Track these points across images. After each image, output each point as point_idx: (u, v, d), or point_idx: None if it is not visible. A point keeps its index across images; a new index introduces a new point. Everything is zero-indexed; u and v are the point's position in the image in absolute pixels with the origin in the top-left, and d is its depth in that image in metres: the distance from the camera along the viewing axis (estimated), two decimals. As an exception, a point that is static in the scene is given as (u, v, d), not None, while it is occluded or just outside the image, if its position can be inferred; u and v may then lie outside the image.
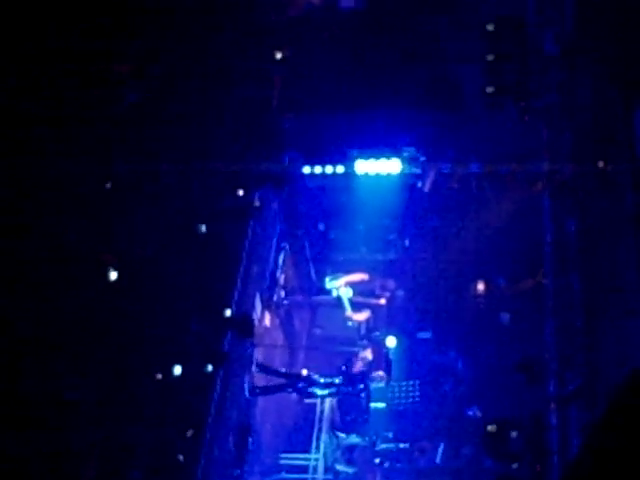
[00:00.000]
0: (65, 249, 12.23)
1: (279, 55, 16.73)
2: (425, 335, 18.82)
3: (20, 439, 10.21)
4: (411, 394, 18.20)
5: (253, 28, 16.64)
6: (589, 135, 16.13)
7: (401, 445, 17.44)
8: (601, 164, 15.70)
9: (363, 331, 17.88)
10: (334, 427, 17.23)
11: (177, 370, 12.88)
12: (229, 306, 14.32)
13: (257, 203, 15.08)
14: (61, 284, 11.75)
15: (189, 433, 12.95)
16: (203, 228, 14.28)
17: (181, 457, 12.73)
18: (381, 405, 18.03)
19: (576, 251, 16.00)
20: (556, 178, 16.33)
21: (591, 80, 16.23)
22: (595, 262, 15.62)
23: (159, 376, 12.87)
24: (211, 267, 14.21)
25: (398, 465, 17.27)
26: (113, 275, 12.56)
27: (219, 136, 14.96)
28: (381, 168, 16.85)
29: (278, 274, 17.09)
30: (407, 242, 19.45)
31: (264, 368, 15.64)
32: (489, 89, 16.72)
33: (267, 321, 16.48)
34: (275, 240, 16.79)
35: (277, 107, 16.35)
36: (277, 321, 17.27)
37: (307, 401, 17.43)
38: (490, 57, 16.88)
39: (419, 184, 17.44)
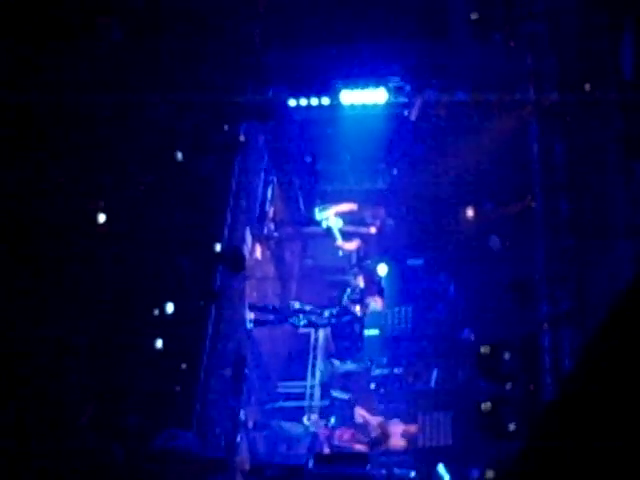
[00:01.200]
0: (49, 191, 12.20)
1: None
2: (416, 262, 18.98)
3: (14, 385, 10.34)
4: (404, 320, 18.43)
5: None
6: (575, 60, 16.01)
7: (395, 370, 17.71)
8: (588, 87, 15.62)
9: (354, 260, 18.01)
10: (329, 355, 17.47)
11: (170, 307, 13.00)
12: (219, 241, 14.40)
13: (242, 138, 15.02)
14: (49, 229, 11.76)
15: (183, 366, 13.12)
16: (179, 156, 14.21)
17: (178, 388, 12.91)
18: (375, 332, 18.29)
19: (564, 174, 16.00)
20: (543, 103, 16.26)
21: (577, 4, 16.07)
22: (583, 184, 15.64)
23: (155, 312, 12.98)
24: (199, 203, 14.23)
25: (393, 389, 17.55)
26: (101, 218, 12.54)
27: (202, 71, 14.82)
28: (367, 98, 16.77)
29: (267, 207, 17.12)
30: (395, 171, 19.46)
31: (257, 308, 15.79)
32: (473, 16, 16.57)
33: (258, 254, 16.56)
34: (262, 173, 16.78)
35: (260, 41, 16.17)
36: (268, 254, 17.36)
37: (302, 330, 17.65)
38: (475, -17, 16.74)
39: (405, 113, 17.40)
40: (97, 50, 14.24)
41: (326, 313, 16.04)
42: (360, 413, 16.49)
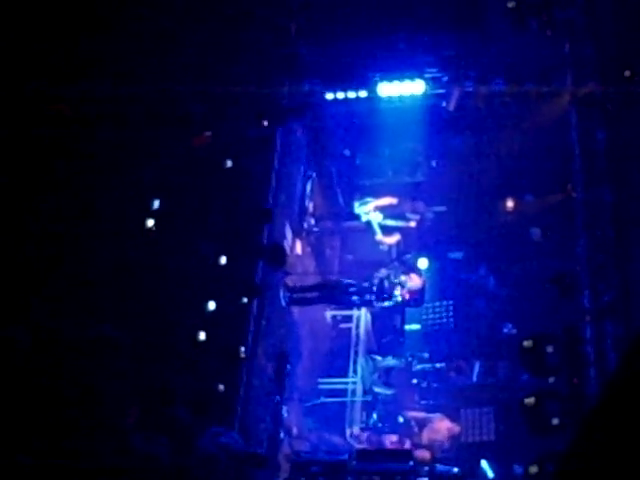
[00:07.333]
0: (96, 192, 12.24)
1: None
2: (456, 255, 18.85)
3: (60, 386, 10.35)
4: (445, 314, 18.31)
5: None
6: (614, 46, 15.85)
7: (437, 365, 17.60)
8: (627, 74, 15.43)
9: (394, 254, 17.95)
10: (370, 350, 17.39)
11: (211, 305, 13.00)
12: (260, 236, 14.38)
13: (278, 140, 15.02)
14: (96, 229, 11.80)
15: (229, 364, 13.12)
16: (229, 163, 14.20)
17: (221, 386, 12.90)
18: (416, 327, 18.20)
19: (605, 163, 15.80)
20: (582, 91, 16.09)
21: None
22: (625, 173, 15.46)
23: (197, 308, 12.97)
24: (239, 198, 14.22)
25: (435, 385, 17.46)
26: (150, 222, 12.53)
27: (238, 66, 14.79)
28: (404, 90, 16.62)
29: (307, 202, 17.10)
30: (434, 163, 19.34)
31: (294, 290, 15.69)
32: (510, 4, 16.42)
33: (298, 249, 16.55)
34: (301, 168, 16.79)
35: (296, 34, 16.13)
36: (308, 249, 17.35)
37: (342, 326, 17.60)
38: (511, -29, 16.57)
39: (443, 104, 17.28)
40: (133, 42, 14.20)
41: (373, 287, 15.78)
42: (411, 415, 16.46)
